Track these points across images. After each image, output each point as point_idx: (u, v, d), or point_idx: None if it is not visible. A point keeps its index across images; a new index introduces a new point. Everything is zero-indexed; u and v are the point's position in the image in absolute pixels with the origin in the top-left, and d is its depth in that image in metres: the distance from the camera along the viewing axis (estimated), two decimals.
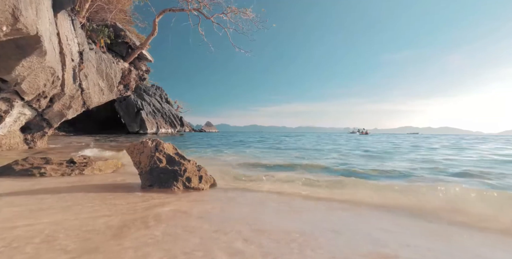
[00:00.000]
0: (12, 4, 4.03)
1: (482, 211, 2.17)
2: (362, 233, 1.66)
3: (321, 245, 1.44)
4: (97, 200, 2.28)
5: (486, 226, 1.92)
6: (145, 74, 15.37)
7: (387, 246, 1.44)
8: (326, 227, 1.75)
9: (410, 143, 15.78)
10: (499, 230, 1.86)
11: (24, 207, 2.02)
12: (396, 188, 2.88)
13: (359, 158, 6.73)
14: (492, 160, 6.36)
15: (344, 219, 2.01)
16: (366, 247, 1.43)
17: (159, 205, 2.17)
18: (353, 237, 1.59)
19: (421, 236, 1.69)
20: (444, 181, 3.73)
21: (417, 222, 1.99)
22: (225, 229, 1.64)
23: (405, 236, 1.66)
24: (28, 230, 1.53)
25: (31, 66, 5.58)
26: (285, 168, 4.85)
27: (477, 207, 2.24)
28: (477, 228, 1.89)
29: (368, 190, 2.83)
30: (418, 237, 1.65)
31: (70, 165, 3.82)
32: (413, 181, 3.69)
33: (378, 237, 1.58)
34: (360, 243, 1.48)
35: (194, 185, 2.86)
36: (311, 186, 3.12)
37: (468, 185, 3.25)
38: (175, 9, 12.49)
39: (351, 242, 1.51)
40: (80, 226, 1.61)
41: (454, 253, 1.43)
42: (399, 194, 2.67)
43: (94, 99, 9.86)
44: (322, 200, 2.56)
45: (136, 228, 1.61)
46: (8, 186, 2.77)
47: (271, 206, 2.31)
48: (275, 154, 7.74)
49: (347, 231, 1.70)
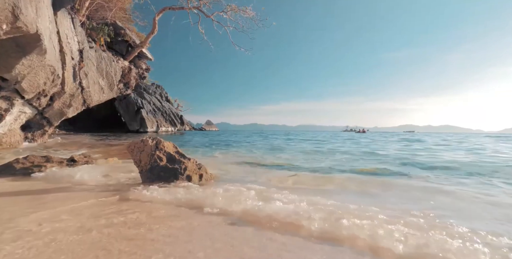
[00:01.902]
0: (12, 2, 4.03)
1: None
2: None
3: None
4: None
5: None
6: (145, 72, 15.34)
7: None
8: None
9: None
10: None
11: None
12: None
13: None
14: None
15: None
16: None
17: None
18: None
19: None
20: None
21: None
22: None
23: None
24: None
25: (31, 64, 5.57)
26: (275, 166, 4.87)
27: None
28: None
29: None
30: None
31: (70, 164, 3.83)
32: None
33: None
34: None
35: (194, 183, 2.86)
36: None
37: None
38: (175, 8, 12.45)
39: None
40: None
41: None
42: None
43: (94, 97, 9.86)
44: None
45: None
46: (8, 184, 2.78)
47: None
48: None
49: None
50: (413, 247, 1.36)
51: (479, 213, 2.15)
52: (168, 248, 1.33)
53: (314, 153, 7.66)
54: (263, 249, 1.36)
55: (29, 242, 1.34)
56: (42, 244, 1.33)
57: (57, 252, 1.25)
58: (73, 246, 1.32)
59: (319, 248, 1.38)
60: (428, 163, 5.23)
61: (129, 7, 13.21)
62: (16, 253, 1.23)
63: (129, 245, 1.35)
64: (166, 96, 31.24)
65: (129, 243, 1.38)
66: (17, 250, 1.26)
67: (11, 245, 1.30)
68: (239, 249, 1.35)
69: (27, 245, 1.30)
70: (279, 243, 1.42)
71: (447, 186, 3.14)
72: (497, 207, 2.30)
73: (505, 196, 2.71)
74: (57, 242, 1.36)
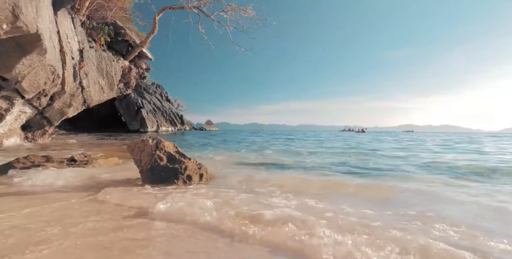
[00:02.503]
0: (12, 2, 4.03)
1: None
2: None
3: None
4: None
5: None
6: (145, 72, 15.34)
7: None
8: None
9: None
10: None
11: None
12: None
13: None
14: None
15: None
16: None
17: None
18: None
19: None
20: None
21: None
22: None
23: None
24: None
25: (31, 64, 5.57)
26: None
27: None
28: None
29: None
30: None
31: (71, 163, 3.84)
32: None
33: None
34: None
35: (194, 183, 2.87)
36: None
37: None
38: (175, 7, 12.44)
39: None
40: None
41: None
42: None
43: (94, 97, 9.87)
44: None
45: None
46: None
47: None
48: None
49: None
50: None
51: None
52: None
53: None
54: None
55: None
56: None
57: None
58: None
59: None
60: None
61: (129, 7, 13.21)
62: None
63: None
64: (166, 96, 31.23)
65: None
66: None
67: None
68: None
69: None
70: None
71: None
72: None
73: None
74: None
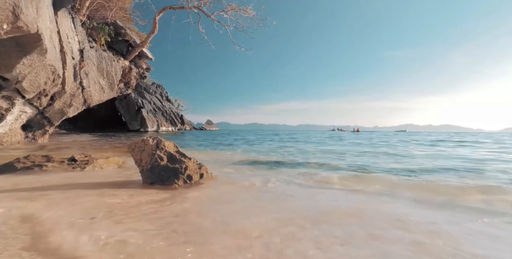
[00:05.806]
0: (12, 2, 4.03)
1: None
2: None
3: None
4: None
5: None
6: (146, 72, 15.35)
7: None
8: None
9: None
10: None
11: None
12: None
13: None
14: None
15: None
16: None
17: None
18: None
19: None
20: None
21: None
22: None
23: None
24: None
25: (31, 64, 5.58)
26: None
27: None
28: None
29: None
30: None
31: (71, 163, 3.84)
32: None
33: None
34: None
35: (195, 183, 2.87)
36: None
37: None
38: (175, 7, 12.45)
39: None
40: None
41: None
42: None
43: (94, 97, 9.88)
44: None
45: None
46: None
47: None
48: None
49: None
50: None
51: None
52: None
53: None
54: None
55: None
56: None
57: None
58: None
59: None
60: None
61: (129, 7, 13.21)
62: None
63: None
64: (167, 96, 31.26)
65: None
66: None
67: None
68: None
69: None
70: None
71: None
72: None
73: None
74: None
